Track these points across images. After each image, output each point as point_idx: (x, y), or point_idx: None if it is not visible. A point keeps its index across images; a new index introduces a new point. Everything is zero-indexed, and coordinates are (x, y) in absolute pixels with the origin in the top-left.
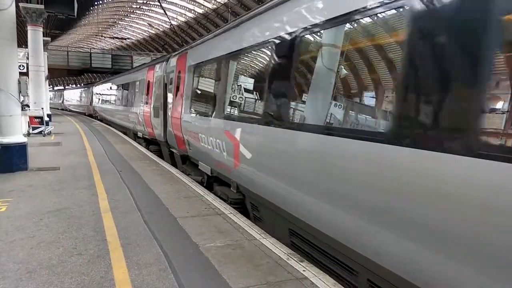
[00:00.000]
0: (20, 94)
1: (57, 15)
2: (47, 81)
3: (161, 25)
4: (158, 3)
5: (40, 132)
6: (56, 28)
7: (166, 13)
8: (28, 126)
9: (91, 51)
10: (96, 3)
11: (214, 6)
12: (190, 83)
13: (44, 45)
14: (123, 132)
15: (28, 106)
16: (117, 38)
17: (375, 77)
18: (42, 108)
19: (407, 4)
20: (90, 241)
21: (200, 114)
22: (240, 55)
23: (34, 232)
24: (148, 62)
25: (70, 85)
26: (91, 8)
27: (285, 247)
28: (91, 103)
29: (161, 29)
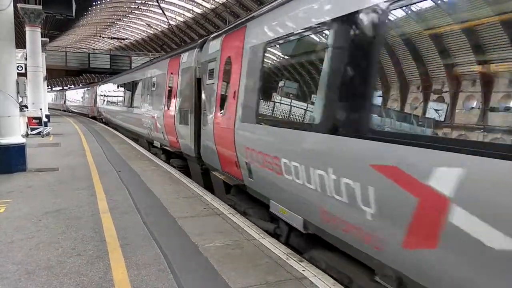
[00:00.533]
0: (18, 95)
1: (55, 16)
2: (45, 81)
3: (160, 25)
4: (157, 3)
5: (38, 133)
6: (54, 29)
7: (164, 13)
8: (27, 127)
9: (90, 52)
10: (94, 3)
11: (213, 6)
12: (257, 73)
13: (42, 46)
14: (133, 139)
15: (27, 107)
16: (115, 38)
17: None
18: (41, 109)
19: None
20: (89, 242)
21: (286, 125)
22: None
23: (33, 233)
24: (167, 53)
25: (69, 85)
26: (89, 8)
27: (284, 247)
28: (94, 104)
29: (159, 29)
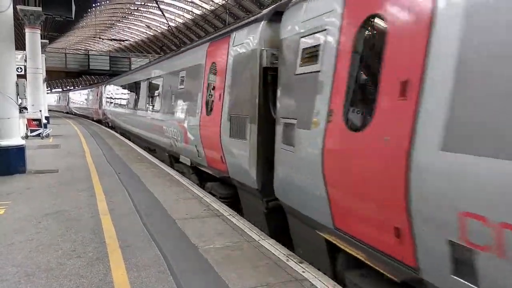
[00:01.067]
0: (18, 96)
1: (55, 18)
2: (45, 83)
3: (159, 26)
4: (156, 5)
5: (38, 135)
6: (54, 30)
7: (164, 15)
8: (26, 129)
9: (89, 53)
10: (94, 5)
11: (212, 7)
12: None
13: (42, 48)
14: (148, 149)
15: (26, 108)
16: (115, 40)
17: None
18: (40, 111)
19: None
20: (89, 244)
21: None
22: None
23: (32, 234)
24: (206, 37)
25: (69, 86)
26: (89, 10)
27: (285, 249)
28: (100, 106)
29: (159, 31)
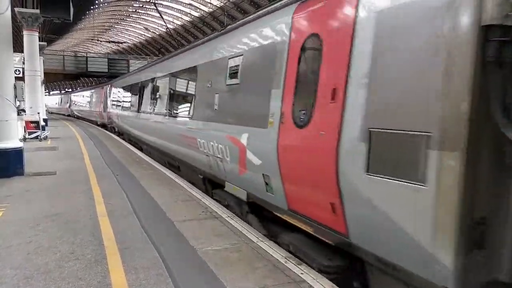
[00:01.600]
0: (16, 98)
1: (53, 20)
2: (43, 85)
3: (157, 28)
4: (154, 7)
5: (36, 137)
6: (52, 33)
7: (162, 17)
8: (24, 131)
9: (87, 55)
10: (92, 7)
11: (211, 9)
12: None
13: (40, 50)
14: (168, 164)
15: (24, 110)
16: (113, 42)
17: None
18: (38, 113)
19: None
20: (87, 246)
21: None
22: None
23: (31, 237)
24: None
25: (67, 88)
26: (87, 12)
27: (283, 250)
28: (104, 108)
29: (157, 33)
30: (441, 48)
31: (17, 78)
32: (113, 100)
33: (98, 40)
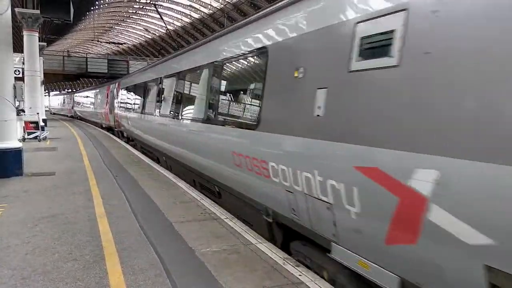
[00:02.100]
0: (15, 99)
1: (53, 20)
2: (43, 86)
3: (158, 30)
4: (155, 9)
5: (35, 137)
6: (52, 33)
7: (162, 18)
8: (24, 131)
9: (87, 56)
10: (92, 8)
11: (211, 11)
12: None
13: (39, 50)
14: (207, 190)
15: (24, 111)
16: (113, 43)
17: None
18: (38, 113)
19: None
20: (86, 247)
21: None
22: None
23: (29, 238)
24: None
25: (67, 89)
26: (87, 13)
27: (282, 252)
28: (110, 110)
29: (157, 34)
30: None
31: (16, 79)
32: (122, 101)
33: (98, 41)
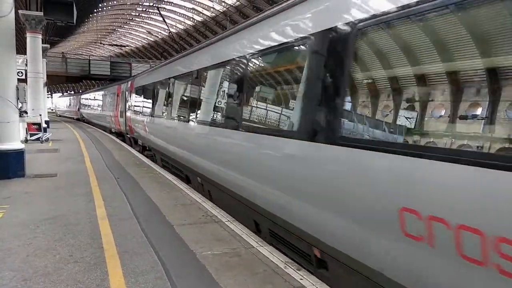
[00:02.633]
0: (18, 100)
1: (56, 22)
2: (46, 87)
3: (160, 32)
4: (158, 11)
5: (38, 139)
6: (55, 35)
7: (165, 21)
8: (26, 133)
9: (90, 58)
10: (95, 10)
11: (213, 14)
12: None
13: (42, 52)
14: (271, 236)
15: (26, 112)
16: (116, 45)
17: None
18: (40, 115)
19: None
20: (87, 249)
21: None
22: None
23: (30, 239)
24: None
25: (69, 91)
26: (91, 15)
27: (283, 256)
28: (121, 113)
29: (160, 37)
30: None
31: (19, 80)
32: (137, 103)
33: (101, 43)
